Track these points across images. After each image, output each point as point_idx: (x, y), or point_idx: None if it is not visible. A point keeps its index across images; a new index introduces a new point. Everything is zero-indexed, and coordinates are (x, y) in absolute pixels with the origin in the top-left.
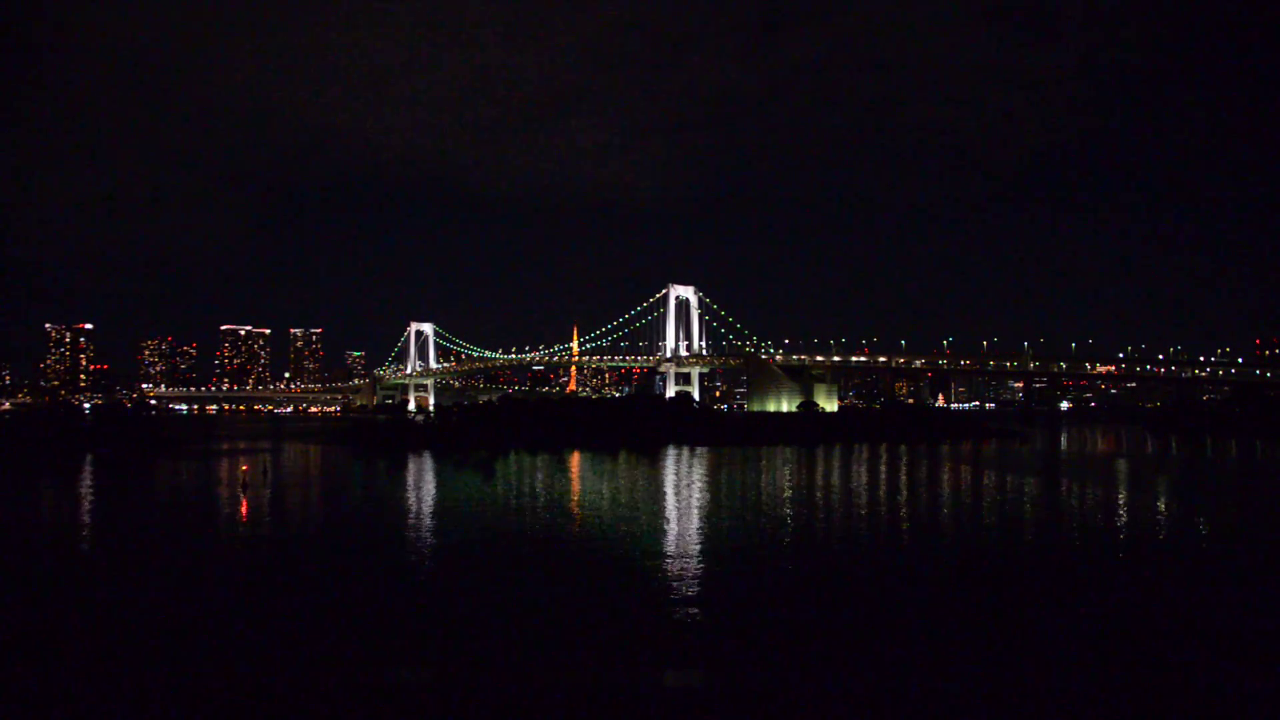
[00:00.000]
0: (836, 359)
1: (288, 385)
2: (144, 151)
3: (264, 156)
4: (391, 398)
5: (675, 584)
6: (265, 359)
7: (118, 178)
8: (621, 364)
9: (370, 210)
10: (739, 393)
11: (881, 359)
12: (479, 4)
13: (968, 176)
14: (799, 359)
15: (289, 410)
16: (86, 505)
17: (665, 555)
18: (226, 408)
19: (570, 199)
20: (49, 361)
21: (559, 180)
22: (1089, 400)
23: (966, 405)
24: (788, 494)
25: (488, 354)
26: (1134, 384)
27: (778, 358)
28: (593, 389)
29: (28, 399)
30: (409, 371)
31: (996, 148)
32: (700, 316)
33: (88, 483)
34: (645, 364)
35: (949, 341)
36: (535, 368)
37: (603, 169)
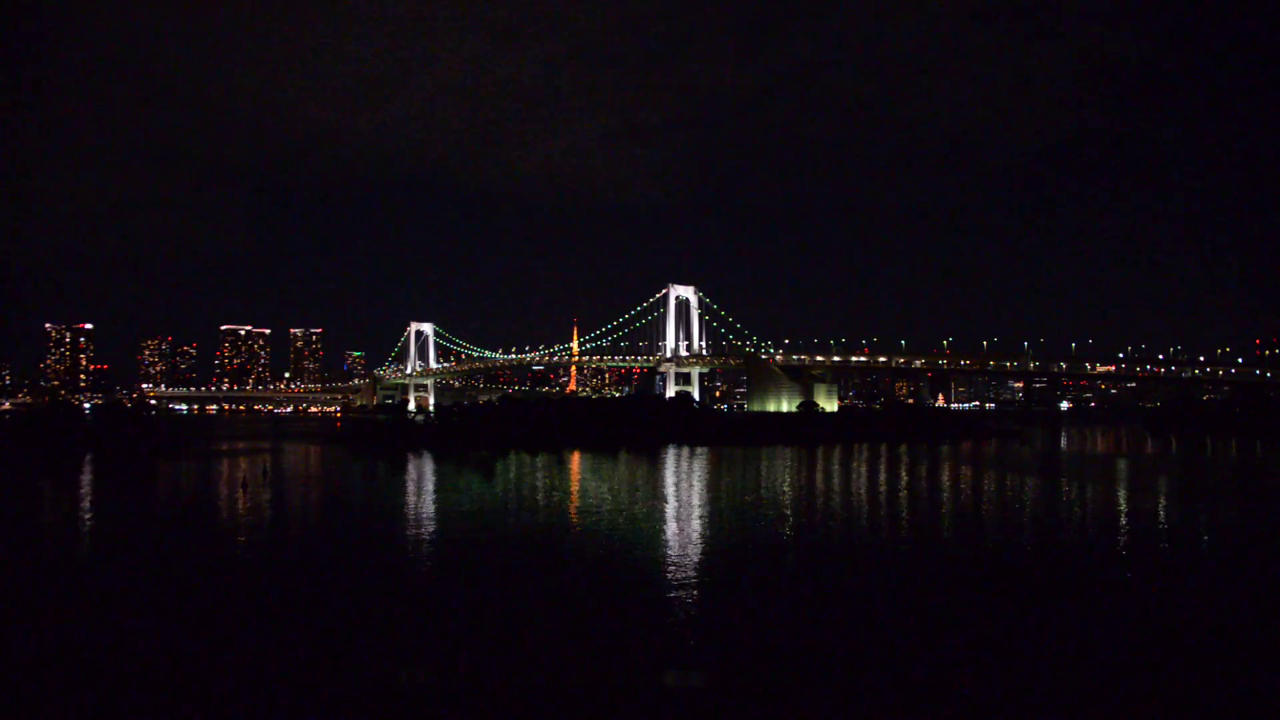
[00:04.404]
0: (836, 359)
1: (288, 385)
2: (144, 151)
3: (264, 156)
4: (391, 398)
5: (675, 584)
6: (265, 359)
7: (117, 178)
8: (621, 364)
9: (370, 210)
10: (739, 393)
11: (881, 359)
12: (473, 3)
13: (967, 176)
14: (799, 359)
15: (289, 410)
16: (86, 505)
17: (665, 555)
18: (226, 408)
19: (569, 198)
20: (49, 361)
21: (557, 179)
22: (1089, 400)
23: (966, 405)
24: (788, 494)
25: (488, 354)
26: (1134, 384)
27: (778, 358)
28: (593, 389)
29: (28, 399)
30: (409, 371)
31: (995, 147)
32: (700, 316)
33: (88, 483)
34: (645, 364)
35: (949, 341)
36: (535, 368)
37: (599, 168)
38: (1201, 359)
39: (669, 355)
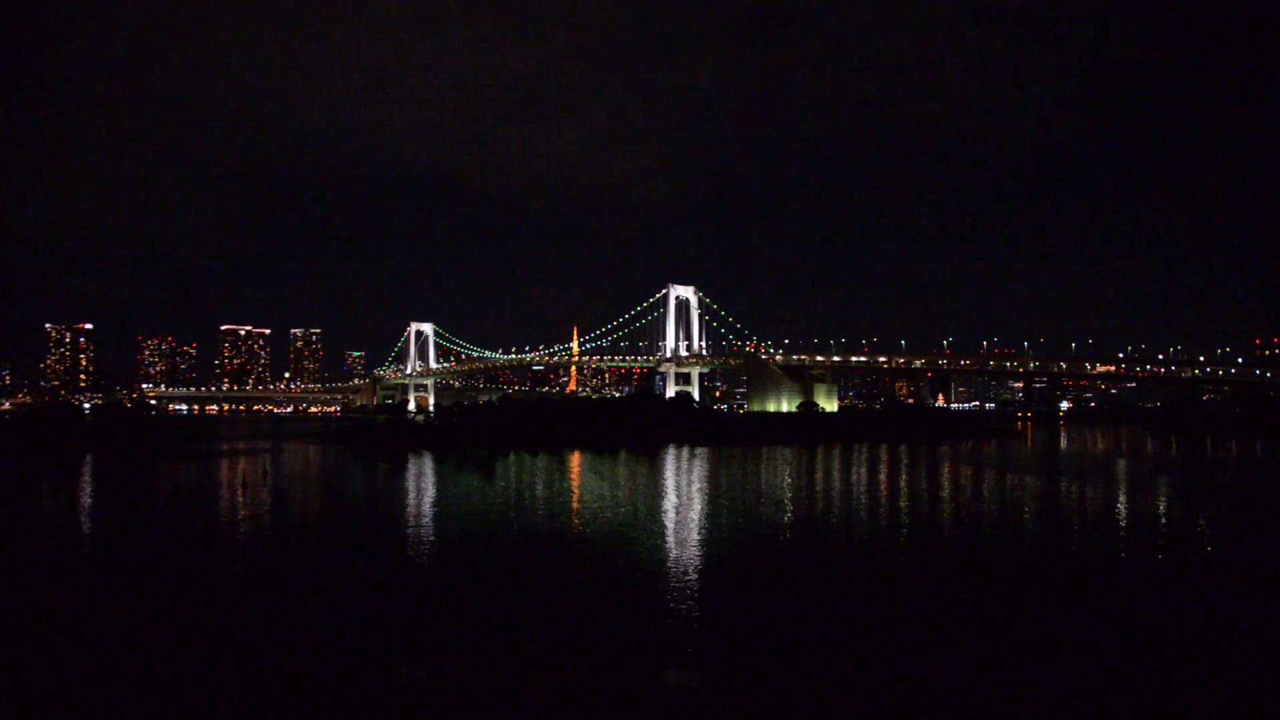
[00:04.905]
0: (836, 359)
1: (288, 385)
2: (144, 151)
3: (264, 156)
4: (391, 398)
5: (675, 584)
6: (265, 359)
7: (118, 178)
8: (621, 364)
9: (370, 210)
10: (739, 393)
11: (881, 359)
12: (473, 3)
13: (967, 176)
14: (799, 359)
15: (289, 410)
16: (86, 505)
17: (665, 555)
18: (226, 408)
19: (568, 198)
20: (49, 361)
21: (556, 179)
22: (1089, 400)
23: (966, 405)
24: (787, 494)
25: (488, 354)
26: (1134, 384)
27: (778, 358)
28: (593, 389)
29: (28, 399)
30: (409, 371)
31: (995, 148)
32: (700, 316)
33: (88, 483)
34: (645, 364)
35: (949, 341)
36: (535, 368)
37: (597, 168)
38: (1201, 359)
39: (669, 355)
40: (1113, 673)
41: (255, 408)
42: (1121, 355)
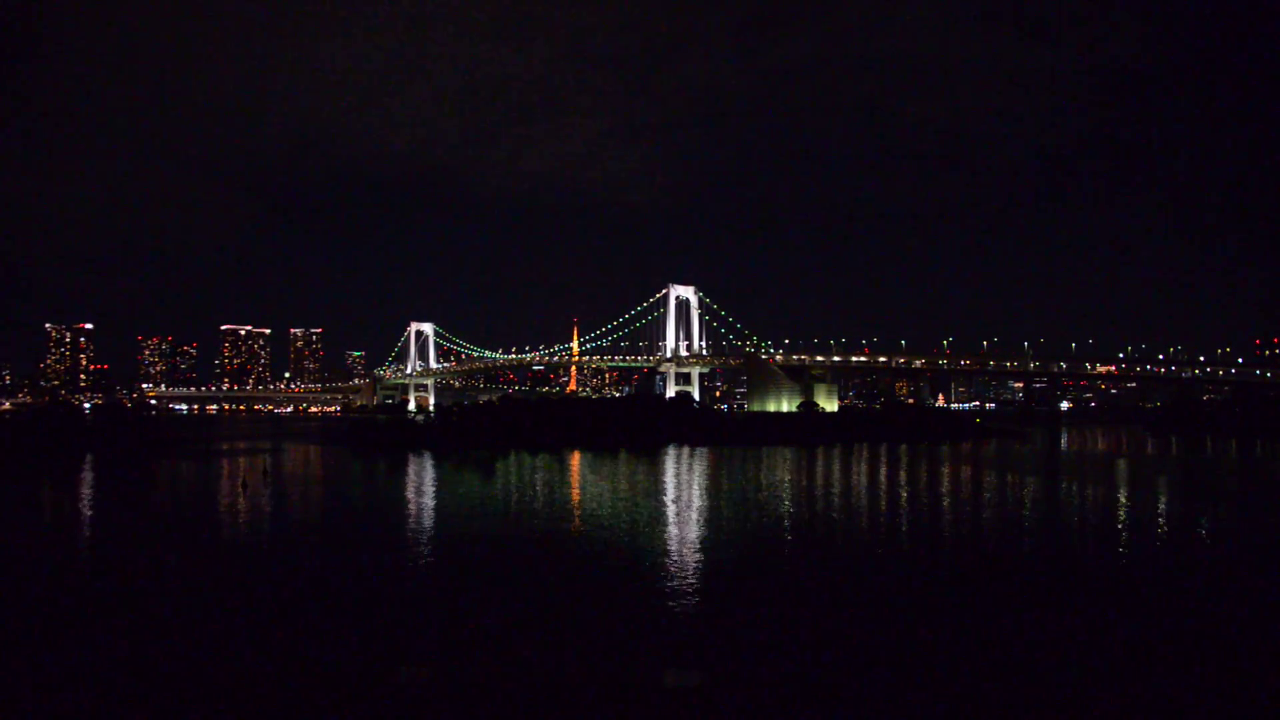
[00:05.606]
0: (836, 359)
1: (288, 385)
2: (144, 151)
3: (264, 156)
4: (392, 398)
5: (675, 584)
6: (265, 359)
7: (117, 178)
8: (621, 364)
9: (370, 210)
10: (739, 393)
11: (881, 359)
12: (473, 3)
13: (967, 176)
14: (799, 359)
15: (289, 410)
16: (86, 505)
17: (665, 555)
18: (226, 408)
19: (569, 198)
20: (49, 361)
21: (556, 179)
22: (1089, 400)
23: (966, 405)
24: (787, 494)
25: (488, 354)
26: (1134, 384)
27: (778, 358)
28: (593, 389)
29: (28, 399)
30: (409, 371)
31: (995, 148)
32: (700, 316)
33: (88, 483)
34: (645, 364)
35: (949, 341)
36: (535, 368)
37: (597, 168)
38: (1201, 359)
39: (669, 355)
40: (1112, 672)
41: (255, 407)
42: (1121, 355)
